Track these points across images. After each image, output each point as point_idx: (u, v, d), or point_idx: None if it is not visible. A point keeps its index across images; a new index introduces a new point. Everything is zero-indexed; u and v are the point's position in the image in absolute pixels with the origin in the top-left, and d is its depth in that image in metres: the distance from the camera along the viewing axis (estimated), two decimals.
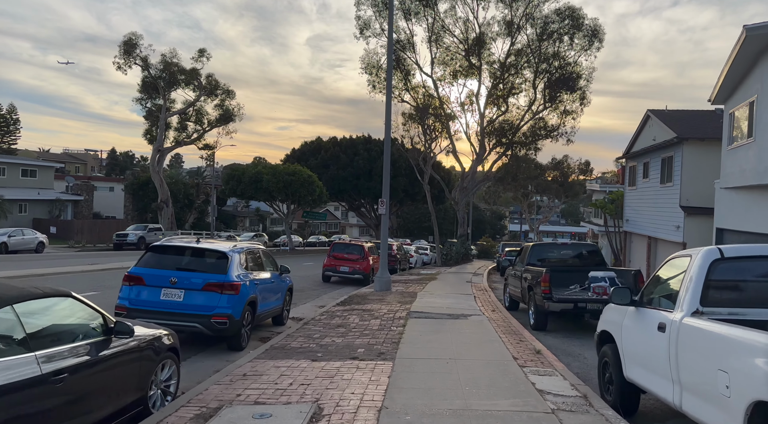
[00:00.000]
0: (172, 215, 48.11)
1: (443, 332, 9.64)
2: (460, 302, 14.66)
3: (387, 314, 11.83)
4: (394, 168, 51.21)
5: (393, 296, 15.72)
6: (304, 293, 17.28)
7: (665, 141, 23.13)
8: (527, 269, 12.67)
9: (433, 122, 38.12)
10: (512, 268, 14.65)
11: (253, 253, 9.82)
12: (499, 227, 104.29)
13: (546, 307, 10.94)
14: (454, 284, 20.58)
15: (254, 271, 9.52)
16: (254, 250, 9.96)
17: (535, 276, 11.73)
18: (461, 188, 41.15)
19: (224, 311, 8.25)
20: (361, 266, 20.70)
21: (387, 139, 17.24)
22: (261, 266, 9.99)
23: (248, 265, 9.31)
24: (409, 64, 38.53)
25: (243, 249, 9.32)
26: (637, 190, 28.41)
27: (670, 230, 22.71)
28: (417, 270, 30.02)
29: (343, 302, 14.04)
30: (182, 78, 48.20)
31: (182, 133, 50.78)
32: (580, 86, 36.84)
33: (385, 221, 17.71)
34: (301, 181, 39.34)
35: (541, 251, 13.25)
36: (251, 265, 9.54)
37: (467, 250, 43.47)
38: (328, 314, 11.86)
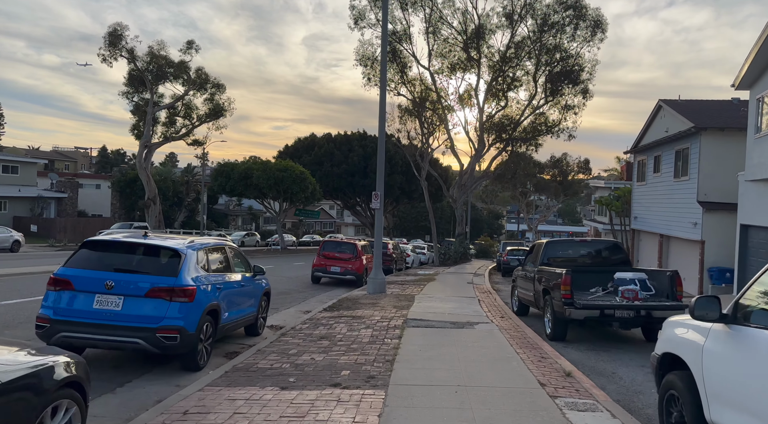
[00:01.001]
0: (159, 213, 46.25)
1: (447, 346, 7.98)
2: (463, 306, 13.01)
3: (380, 321, 10.16)
4: (390, 165, 49.58)
5: (388, 299, 14.06)
6: (289, 296, 15.60)
7: (680, 132, 21.55)
8: (541, 269, 11.02)
9: (431, 116, 36.52)
10: (522, 268, 13.01)
11: (217, 251, 8.14)
12: (496, 226, 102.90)
13: (567, 314, 9.29)
14: (454, 286, 18.94)
15: (218, 272, 7.85)
16: (219, 247, 8.27)
17: (552, 278, 10.09)
18: (459, 185, 39.63)
19: (174, 322, 6.57)
20: (353, 266, 19.04)
21: (381, 125, 15.58)
22: (228, 266, 8.31)
23: (210, 265, 7.62)
24: (405, 56, 36.94)
25: (203, 246, 7.63)
26: (646, 186, 26.82)
27: (686, 227, 21.12)
28: (414, 270, 28.38)
29: (332, 307, 12.38)
30: (170, 71, 46.32)
31: (170, 129, 48.92)
32: (582, 79, 35.36)
33: (379, 216, 16.06)
34: (293, 177, 37.64)
35: (556, 248, 11.62)
36: (215, 265, 7.86)
37: (466, 249, 41.88)
38: (312, 322, 10.18)
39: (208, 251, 7.76)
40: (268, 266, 26.20)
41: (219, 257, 8.15)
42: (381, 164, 15.59)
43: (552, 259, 11.52)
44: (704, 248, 19.89)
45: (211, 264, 7.69)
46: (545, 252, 11.50)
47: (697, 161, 20.49)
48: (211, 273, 7.59)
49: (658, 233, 24.67)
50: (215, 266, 7.87)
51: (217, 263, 7.97)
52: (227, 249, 8.52)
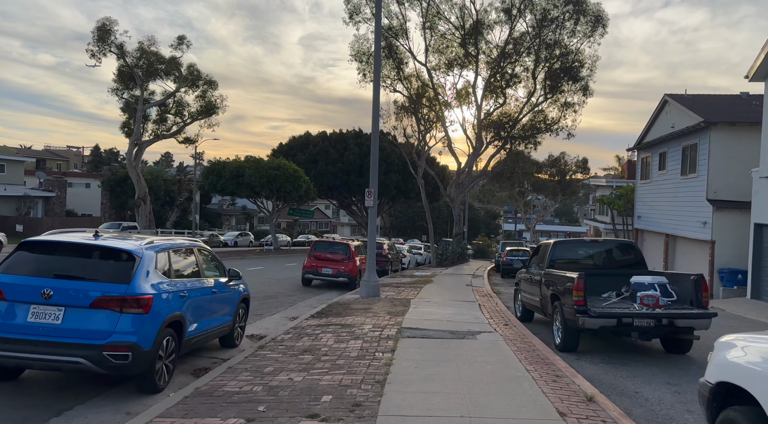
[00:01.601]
0: (150, 213, 45.13)
1: (447, 362, 6.98)
2: (463, 312, 12.02)
3: (372, 330, 9.16)
4: (386, 164, 48.56)
5: (381, 303, 13.05)
6: (276, 300, 14.58)
7: (687, 127, 20.63)
8: (549, 273, 10.04)
9: (428, 113, 35.56)
10: (526, 271, 12.03)
11: (183, 253, 7.12)
12: (493, 226, 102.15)
13: (580, 323, 8.31)
14: (452, 289, 17.95)
15: (184, 278, 6.84)
16: (186, 248, 7.25)
17: (562, 282, 9.10)
18: (457, 184, 38.70)
19: (125, 338, 5.55)
20: (346, 268, 18.03)
21: (375, 116, 14.57)
22: (197, 270, 7.29)
23: (173, 269, 6.60)
24: (401, 52, 36.00)
25: (165, 247, 6.61)
26: (651, 184, 25.91)
27: (695, 226, 20.20)
28: (410, 271, 27.39)
29: (320, 313, 11.36)
30: (161, 67, 45.24)
31: (161, 126, 47.85)
32: (582, 76, 34.49)
33: (373, 214, 15.06)
34: (286, 176, 36.60)
35: (565, 249, 10.63)
36: (180, 269, 6.84)
37: (463, 249, 40.93)
38: (297, 332, 9.18)
39: (172, 253, 6.73)
40: (257, 267, 25.31)
41: (186, 260, 7.13)
42: (375, 159, 14.59)
43: (560, 261, 10.53)
44: (714, 249, 18.97)
45: (175, 268, 6.67)
46: (553, 253, 10.51)
47: (706, 157, 19.56)
48: (175, 279, 6.57)
49: (664, 232, 23.75)
50: (181, 271, 6.85)
51: (182, 267, 6.95)
52: (196, 251, 7.50)
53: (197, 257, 7.41)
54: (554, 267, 10.36)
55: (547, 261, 10.50)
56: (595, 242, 10.61)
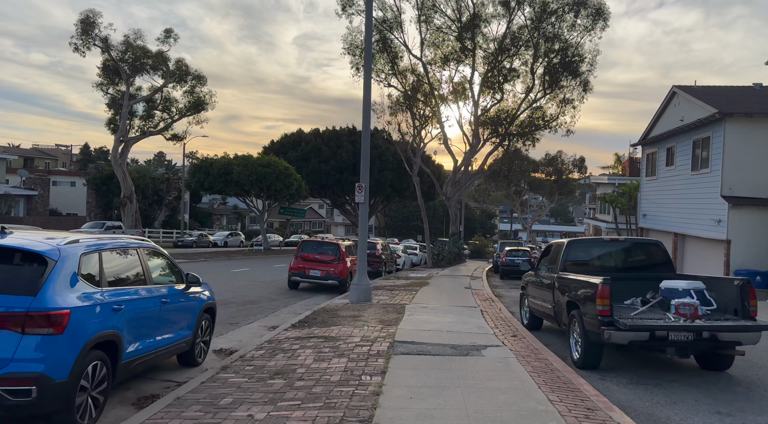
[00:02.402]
0: (136, 212, 43.68)
1: (450, 390, 5.66)
2: (464, 319, 10.71)
3: (359, 344, 7.83)
4: (380, 162, 47.25)
5: (373, 310, 11.73)
6: (257, 306, 13.22)
7: (699, 120, 19.40)
8: (564, 277, 8.74)
9: (423, 107, 34.27)
10: (535, 273, 10.74)
11: (122, 254, 5.76)
12: (489, 225, 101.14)
13: (605, 337, 7.01)
14: (450, 292, 16.64)
15: (122, 285, 5.50)
16: (126, 248, 5.88)
17: (581, 288, 7.81)
18: (453, 182, 37.48)
19: (27, 367, 4.21)
20: (336, 270, 16.69)
21: (367, 101, 13.24)
22: (141, 276, 5.94)
23: (106, 275, 5.26)
24: (396, 45, 34.70)
25: (94, 246, 5.25)
26: (657, 181, 24.70)
27: (707, 225, 18.97)
28: (405, 272, 26.08)
29: (303, 322, 10.03)
30: (148, 62, 43.79)
31: (148, 122, 46.40)
32: (582, 71, 33.34)
33: (364, 212, 13.74)
34: (276, 173, 35.21)
35: (580, 249, 9.34)
36: (117, 275, 5.50)
37: (460, 250, 39.69)
38: (272, 346, 7.84)
39: (106, 254, 5.38)
40: (243, 269, 23.92)
41: (126, 263, 5.77)
42: (366, 152, 13.28)
43: (575, 262, 9.25)
44: (730, 249, 17.74)
45: (109, 274, 5.32)
46: (567, 254, 9.22)
47: (720, 151, 18.34)
48: (109, 287, 5.22)
49: (672, 231, 22.52)
50: (118, 277, 5.51)
51: (120, 273, 5.60)
52: (141, 252, 6.13)
53: (142, 260, 6.05)
54: (569, 270, 9.08)
55: (561, 263, 9.21)
56: (615, 241, 9.32)
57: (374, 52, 34.31)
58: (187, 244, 44.01)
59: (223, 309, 12.32)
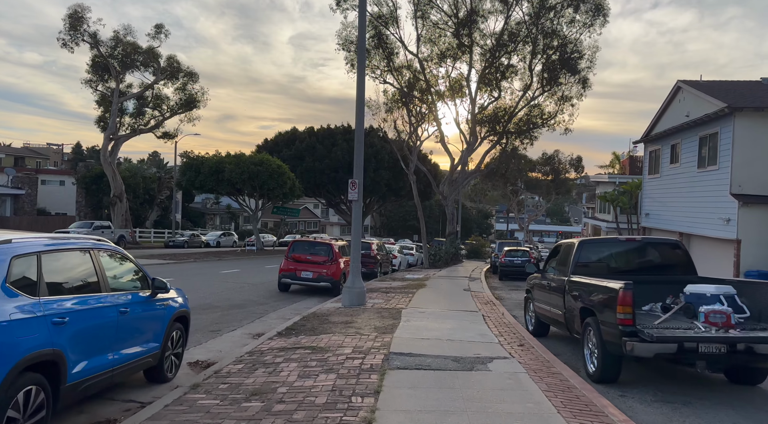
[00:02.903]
0: (126, 212, 42.71)
1: (455, 415, 4.84)
2: (465, 325, 9.90)
3: (351, 357, 7.01)
4: (375, 161, 46.41)
5: (367, 315, 10.92)
6: (243, 311, 12.38)
7: (706, 115, 18.66)
8: (576, 281, 7.95)
9: (419, 104, 33.50)
10: (541, 276, 9.95)
11: (69, 256, 4.91)
12: (485, 225, 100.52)
13: (627, 349, 6.22)
14: (449, 294, 15.84)
15: (68, 293, 4.66)
16: (72, 248, 5.03)
17: (598, 293, 7.03)
18: (450, 181, 36.75)
19: None
20: (328, 271, 15.86)
21: (360, 90, 12.42)
22: (95, 282, 5.10)
23: (45, 282, 4.41)
24: (392, 41, 33.95)
25: (30, 247, 4.41)
26: (661, 179, 23.97)
27: (716, 224, 18.23)
28: (401, 274, 25.26)
29: (290, 330, 9.21)
30: (139, 59, 42.81)
31: (139, 120, 45.44)
32: (581, 68, 32.68)
33: (358, 210, 12.92)
34: (269, 171, 34.34)
35: (593, 250, 8.55)
36: (61, 282, 4.66)
37: (457, 250, 38.91)
38: (253, 359, 7.02)
39: (47, 256, 4.53)
40: (232, 270, 23.05)
41: (74, 267, 4.93)
42: (359, 144, 12.46)
43: (588, 264, 8.46)
44: (740, 249, 16.99)
45: (50, 281, 4.48)
46: (579, 255, 8.43)
47: (729, 147, 17.59)
48: (49, 296, 4.38)
49: (677, 230, 21.77)
50: (63, 284, 4.67)
51: (66, 279, 4.76)
52: (97, 254, 5.27)
53: (97, 264, 5.20)
54: (581, 272, 8.29)
55: (572, 265, 8.41)
56: (631, 241, 8.53)
57: (369, 49, 33.59)
58: (179, 244, 43.06)
59: (206, 315, 11.49)
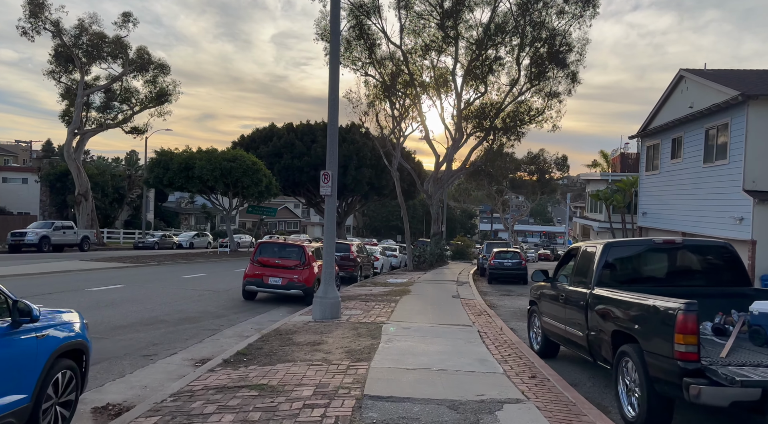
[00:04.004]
0: (92, 211, 40.25)
1: None
2: (460, 348, 8.11)
3: (310, 404, 5.15)
4: (357, 158, 44.52)
5: (340, 332, 9.07)
6: (195, 326, 10.42)
7: (714, 105, 17.14)
8: (603, 295, 6.20)
9: (402, 96, 31.74)
10: (551, 286, 8.19)
11: None
12: (469, 226, 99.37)
13: (692, 393, 4.47)
14: (437, 303, 14.04)
15: None
16: None
17: (641, 313, 5.28)
18: (435, 179, 35.09)
19: None
20: (300, 277, 13.96)
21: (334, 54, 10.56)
22: None
23: None
24: (374, 32, 32.23)
25: None
26: (660, 175, 22.49)
27: (726, 223, 16.72)
28: (383, 277, 23.43)
29: (241, 355, 7.33)
30: (106, 49, 40.40)
31: (106, 114, 42.99)
32: (570, 61, 31.31)
33: (332, 205, 11.08)
34: (243, 168, 32.26)
35: (623, 255, 6.80)
36: None
37: (442, 251, 37.21)
38: (176, 407, 5.11)
39: None
40: (198, 274, 20.95)
41: None
42: (333, 126, 10.61)
43: (616, 273, 6.72)
44: (755, 250, 15.47)
45: None
46: (604, 261, 6.67)
47: (742, 139, 16.07)
48: None
49: (679, 230, 20.27)
50: None
51: None
52: None
53: None
54: (608, 284, 6.54)
55: (595, 274, 6.65)
56: (670, 244, 6.79)
57: (350, 40, 31.87)
58: (149, 245, 40.71)
59: (147, 332, 9.53)
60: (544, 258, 65.09)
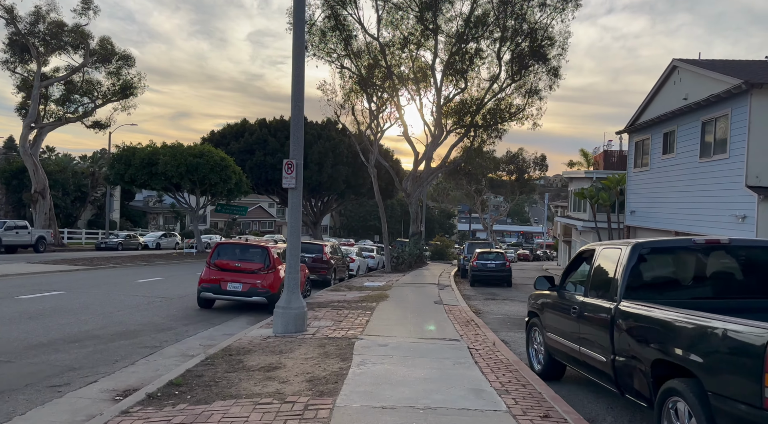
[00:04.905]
0: (50, 210, 37.84)
1: None
2: (449, 373, 6.63)
3: None
4: (334, 155, 42.86)
5: (303, 351, 7.52)
6: (131, 341, 8.74)
7: (712, 96, 16.03)
8: (630, 312, 4.80)
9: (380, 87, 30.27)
10: (558, 294, 6.78)
11: None
12: (448, 226, 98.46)
13: None
14: (418, 311, 12.56)
15: None
16: None
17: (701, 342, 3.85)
18: (414, 178, 33.77)
19: None
20: (263, 282, 12.34)
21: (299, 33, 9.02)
22: None
23: None
24: (350, 23, 30.87)
25: None
26: (650, 172, 21.42)
27: (726, 221, 15.61)
28: (359, 280, 21.90)
29: (170, 388, 5.73)
30: (66, 39, 38.03)
31: (67, 108, 40.56)
32: (551, 56, 30.33)
33: (296, 200, 9.55)
34: (211, 164, 30.39)
35: (656, 259, 5.41)
36: None
37: (421, 251, 35.87)
38: None
39: None
40: (154, 278, 19.05)
41: None
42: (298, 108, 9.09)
43: (648, 281, 5.31)
44: None
45: None
46: (631, 267, 5.25)
47: (744, 132, 14.96)
48: None
49: (671, 229, 19.19)
50: None
51: None
52: None
53: None
54: (637, 295, 5.13)
55: (622, 282, 5.23)
56: (714, 246, 5.39)
57: (325, 30, 30.43)
58: (112, 246, 38.46)
59: (70, 351, 7.84)
60: (523, 258, 64.29)
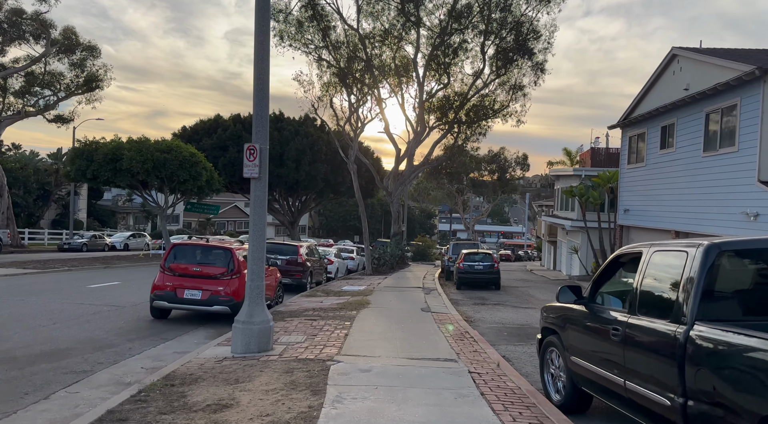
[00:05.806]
0: (8, 209, 35.47)
1: None
2: (450, 412, 5.15)
3: None
4: (312, 152, 41.16)
5: (264, 380, 5.97)
6: (58, 365, 7.07)
7: (719, 84, 14.87)
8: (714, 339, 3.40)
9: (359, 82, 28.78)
10: (586, 308, 5.34)
11: None
12: (428, 226, 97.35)
13: None
14: (404, 320, 11.07)
15: None
16: None
17: None
18: (395, 176, 32.42)
19: None
20: (226, 289, 10.72)
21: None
22: None
23: None
24: (328, 12, 29.42)
25: None
26: (646, 168, 20.30)
27: (735, 220, 14.46)
28: (338, 283, 20.33)
29: None
30: (26, 29, 35.70)
31: (27, 101, 38.15)
32: (537, 50, 29.30)
33: (261, 192, 7.99)
34: (179, 160, 28.43)
35: (738, 265, 4.04)
36: None
37: (403, 252, 34.47)
38: None
39: None
40: (109, 282, 16.96)
41: None
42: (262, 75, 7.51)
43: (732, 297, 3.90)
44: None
45: None
46: (706, 278, 3.82)
47: (757, 122, 13.81)
48: None
49: (671, 229, 18.07)
50: None
51: None
52: None
53: None
54: (715, 317, 3.71)
55: (695, 299, 3.82)
56: None
57: (302, 20, 28.97)
58: (76, 247, 36.26)
59: None
60: (505, 258, 63.25)
